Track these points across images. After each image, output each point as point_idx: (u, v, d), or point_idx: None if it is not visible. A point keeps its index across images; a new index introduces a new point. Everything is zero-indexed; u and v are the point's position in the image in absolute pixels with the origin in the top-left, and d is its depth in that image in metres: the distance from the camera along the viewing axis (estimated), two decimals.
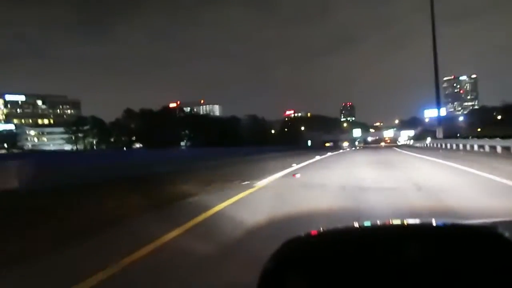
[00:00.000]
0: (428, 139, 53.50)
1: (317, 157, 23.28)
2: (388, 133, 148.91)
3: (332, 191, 8.05)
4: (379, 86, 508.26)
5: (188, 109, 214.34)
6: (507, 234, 0.58)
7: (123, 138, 76.73)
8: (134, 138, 77.16)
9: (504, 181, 8.43)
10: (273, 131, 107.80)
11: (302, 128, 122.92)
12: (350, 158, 23.47)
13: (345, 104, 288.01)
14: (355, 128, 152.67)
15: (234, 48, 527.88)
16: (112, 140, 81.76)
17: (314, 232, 0.65)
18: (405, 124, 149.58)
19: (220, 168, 15.75)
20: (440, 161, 16.44)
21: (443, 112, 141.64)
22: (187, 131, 79.26)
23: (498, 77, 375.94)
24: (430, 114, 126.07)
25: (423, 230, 0.66)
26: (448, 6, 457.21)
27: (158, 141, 65.05)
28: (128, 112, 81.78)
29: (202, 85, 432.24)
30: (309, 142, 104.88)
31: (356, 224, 0.69)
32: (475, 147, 26.50)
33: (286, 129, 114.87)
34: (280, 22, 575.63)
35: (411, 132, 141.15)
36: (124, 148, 65.56)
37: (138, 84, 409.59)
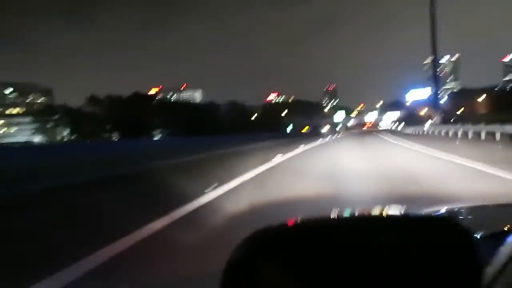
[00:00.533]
0: (428, 124, 44.27)
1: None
2: (370, 117, 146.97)
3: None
4: (362, 68, 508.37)
5: (170, 94, 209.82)
6: (465, 222, 0.55)
7: (90, 129, 70.43)
8: (108, 127, 72.07)
9: None
10: (255, 116, 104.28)
11: (283, 114, 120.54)
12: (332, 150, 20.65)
13: (328, 87, 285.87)
14: (337, 112, 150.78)
15: (216, 33, 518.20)
16: (87, 131, 76.08)
17: (288, 220, 0.63)
18: (388, 107, 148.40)
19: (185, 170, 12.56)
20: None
21: (426, 93, 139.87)
22: (162, 120, 75.03)
23: (479, 60, 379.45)
24: (414, 96, 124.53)
25: (381, 220, 0.66)
26: None
27: (130, 130, 61.03)
28: (92, 100, 73.94)
29: (185, 71, 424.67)
30: (289, 129, 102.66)
31: (333, 213, 0.68)
32: (497, 136, 20.32)
33: (267, 115, 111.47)
34: (262, 5, 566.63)
35: (396, 114, 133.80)
36: (88, 141, 60.97)
37: (119, 72, 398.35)
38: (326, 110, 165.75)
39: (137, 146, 30.15)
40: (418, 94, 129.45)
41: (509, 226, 1.07)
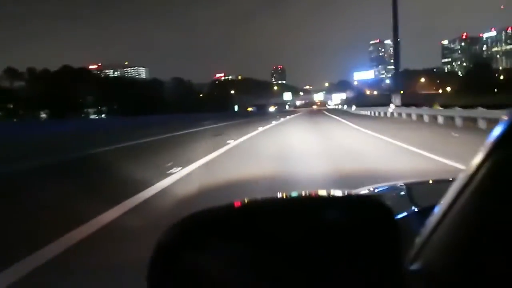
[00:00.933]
0: (392, 106, 36.21)
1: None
2: (318, 97, 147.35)
3: None
4: (309, 49, 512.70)
5: (111, 71, 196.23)
6: (389, 203, 0.60)
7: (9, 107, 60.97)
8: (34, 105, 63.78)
9: None
10: (201, 95, 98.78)
11: (232, 92, 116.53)
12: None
13: (276, 67, 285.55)
14: (285, 92, 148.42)
15: (162, 8, 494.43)
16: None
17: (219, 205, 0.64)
18: (335, 87, 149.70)
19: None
20: None
21: (370, 74, 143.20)
22: (99, 97, 68.16)
23: (418, 42, 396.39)
24: (360, 76, 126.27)
25: (308, 201, 0.68)
26: None
27: (60, 109, 54.56)
28: (9, 73, 63.18)
29: (128, 47, 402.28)
30: (236, 108, 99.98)
31: (264, 197, 0.67)
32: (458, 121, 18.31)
33: (215, 93, 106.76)
34: None
35: (343, 96, 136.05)
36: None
37: (56, 44, 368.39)
38: (275, 88, 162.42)
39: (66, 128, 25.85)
40: (363, 75, 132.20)
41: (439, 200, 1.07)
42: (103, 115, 69.88)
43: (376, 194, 1.31)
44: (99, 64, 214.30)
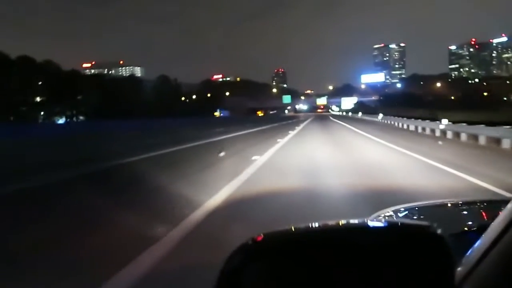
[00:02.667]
0: (444, 122, 21.76)
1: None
2: (321, 101, 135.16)
3: None
4: (311, 53, 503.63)
5: (105, 70, 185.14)
6: (439, 231, 0.62)
7: None
8: None
9: None
10: (184, 98, 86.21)
11: (227, 94, 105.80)
12: None
13: (277, 71, 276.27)
14: (285, 95, 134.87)
15: (163, 9, 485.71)
16: None
17: (277, 230, 0.67)
18: (339, 92, 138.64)
19: None
20: None
21: (380, 77, 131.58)
22: (62, 97, 56.34)
23: (423, 47, 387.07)
24: (368, 79, 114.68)
25: (360, 231, 0.69)
26: None
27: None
28: None
29: (127, 47, 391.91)
30: (218, 113, 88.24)
31: (320, 224, 0.70)
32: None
33: (207, 95, 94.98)
34: None
35: (354, 100, 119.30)
36: None
37: (52, 42, 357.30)
38: (274, 90, 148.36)
39: None
40: (371, 78, 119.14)
41: (469, 225, 1.20)
42: (77, 118, 59.42)
43: (424, 222, 1.21)
44: (93, 62, 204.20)
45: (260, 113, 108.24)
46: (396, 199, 5.27)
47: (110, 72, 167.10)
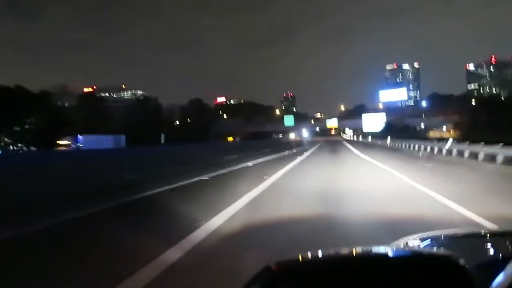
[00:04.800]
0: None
1: None
2: (332, 122, 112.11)
3: None
4: (321, 77, 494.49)
5: (106, 94, 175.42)
6: (462, 262, 0.61)
7: None
8: None
9: None
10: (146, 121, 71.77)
11: (225, 116, 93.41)
12: None
13: (286, 95, 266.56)
14: (286, 116, 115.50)
15: (171, 35, 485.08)
16: None
17: (297, 257, 0.65)
18: (351, 114, 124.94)
19: None
20: None
21: (403, 94, 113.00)
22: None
23: (439, 67, 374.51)
24: (388, 97, 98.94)
25: (385, 261, 0.67)
26: (379, 3, 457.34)
27: None
28: None
29: (132, 72, 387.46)
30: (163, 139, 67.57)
31: (341, 251, 0.69)
32: None
33: (195, 118, 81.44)
34: (219, 11, 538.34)
35: (381, 117, 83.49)
36: None
37: (62, 69, 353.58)
38: (277, 112, 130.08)
39: None
40: (391, 95, 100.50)
41: (493, 256, 1.17)
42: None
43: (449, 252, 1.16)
44: (94, 86, 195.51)
45: (230, 139, 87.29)
46: None
47: (113, 95, 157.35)
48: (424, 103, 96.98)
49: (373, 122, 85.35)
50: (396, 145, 38.59)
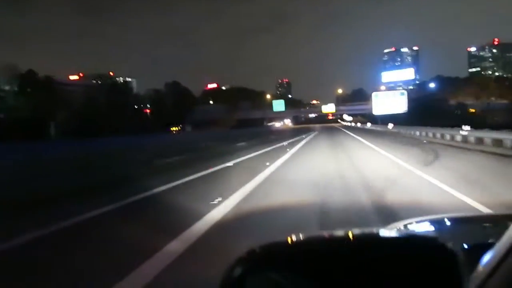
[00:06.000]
0: None
1: None
2: (328, 108, 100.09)
3: None
4: (316, 63, 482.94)
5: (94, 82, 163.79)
6: (449, 244, 0.62)
7: None
8: None
9: None
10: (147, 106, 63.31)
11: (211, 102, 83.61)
12: None
13: (281, 81, 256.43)
14: (276, 100, 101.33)
15: (166, 23, 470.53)
16: None
17: (281, 240, 0.65)
18: (349, 99, 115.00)
19: None
20: None
21: (409, 74, 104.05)
22: None
23: (438, 50, 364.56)
24: (392, 77, 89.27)
25: (372, 243, 0.68)
26: None
27: None
28: None
29: (124, 59, 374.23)
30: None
31: (324, 233, 0.69)
32: None
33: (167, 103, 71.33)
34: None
35: (402, 98, 62.36)
36: None
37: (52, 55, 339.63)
38: (268, 96, 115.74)
39: None
40: (396, 76, 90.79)
41: (481, 239, 1.17)
42: None
43: (433, 233, 1.24)
44: (80, 74, 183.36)
45: (174, 129, 74.16)
46: None
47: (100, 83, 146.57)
48: (432, 85, 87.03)
49: (387, 103, 67.82)
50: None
